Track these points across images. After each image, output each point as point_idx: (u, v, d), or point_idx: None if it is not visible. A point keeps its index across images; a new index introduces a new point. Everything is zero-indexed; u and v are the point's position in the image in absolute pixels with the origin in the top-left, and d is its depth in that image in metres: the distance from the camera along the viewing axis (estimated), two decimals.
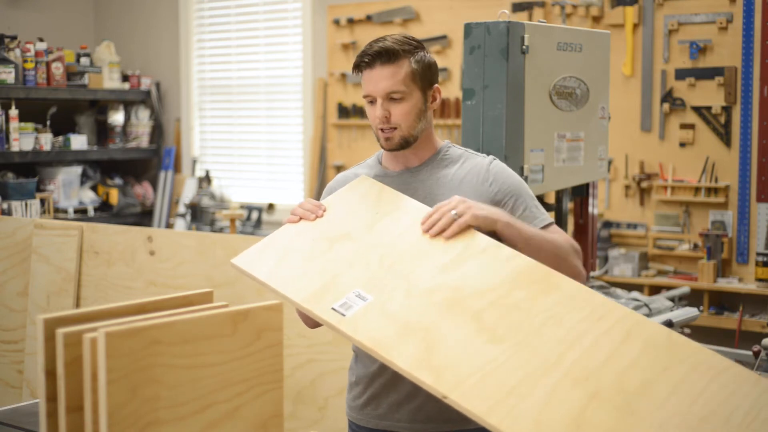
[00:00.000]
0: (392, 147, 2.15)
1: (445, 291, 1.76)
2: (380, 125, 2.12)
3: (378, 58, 2.10)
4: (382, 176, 2.23)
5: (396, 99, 2.11)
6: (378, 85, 2.10)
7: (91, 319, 1.46)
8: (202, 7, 6.42)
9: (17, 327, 3.68)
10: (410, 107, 2.12)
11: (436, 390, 1.54)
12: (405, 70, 2.11)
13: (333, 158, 5.74)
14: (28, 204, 5.29)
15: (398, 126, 2.12)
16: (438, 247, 1.88)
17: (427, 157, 2.20)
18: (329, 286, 1.80)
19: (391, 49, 2.10)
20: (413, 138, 2.15)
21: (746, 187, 4.42)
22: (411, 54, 2.12)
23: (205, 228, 5.67)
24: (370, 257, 1.87)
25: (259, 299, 1.58)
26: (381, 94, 2.10)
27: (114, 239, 3.45)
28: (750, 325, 4.29)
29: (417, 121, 2.14)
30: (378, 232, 1.95)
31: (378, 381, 2.19)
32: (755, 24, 4.35)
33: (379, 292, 1.77)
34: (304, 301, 1.77)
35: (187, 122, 6.48)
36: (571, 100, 3.13)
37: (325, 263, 1.86)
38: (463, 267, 1.82)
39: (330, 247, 1.91)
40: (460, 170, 2.19)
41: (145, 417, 1.38)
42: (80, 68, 5.79)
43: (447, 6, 5.26)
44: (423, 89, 2.14)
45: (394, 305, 1.74)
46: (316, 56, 5.83)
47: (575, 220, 3.47)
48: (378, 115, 2.11)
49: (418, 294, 1.76)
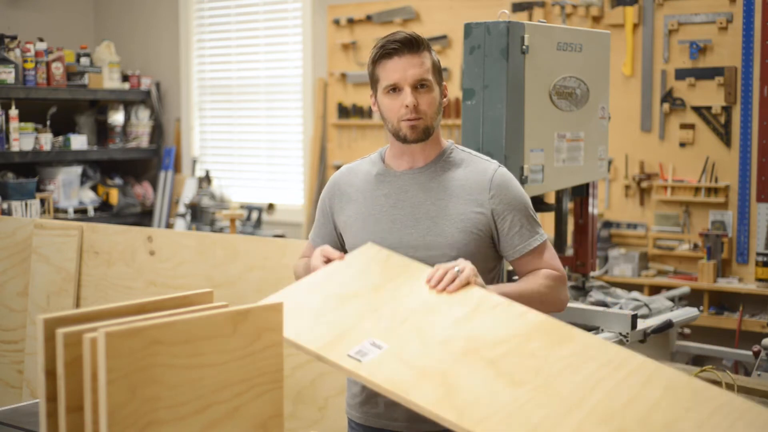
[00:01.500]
0: (417, 136, 2.13)
1: (460, 341, 1.76)
2: (407, 114, 2.11)
3: (406, 46, 2.11)
4: (384, 175, 2.22)
5: (423, 88, 2.11)
6: (407, 72, 2.10)
7: (91, 319, 1.46)
8: (202, 7, 6.43)
9: (17, 327, 3.68)
10: (434, 98, 2.14)
11: (459, 427, 1.53)
12: (429, 61, 2.14)
13: (333, 158, 5.74)
14: (28, 204, 5.29)
15: (424, 115, 2.12)
16: (449, 304, 1.90)
17: (433, 157, 2.20)
18: (343, 336, 1.79)
19: (418, 39, 2.12)
20: (433, 130, 2.15)
21: (746, 187, 4.42)
22: (429, 49, 2.15)
23: (205, 228, 5.67)
24: (381, 312, 1.87)
25: (259, 299, 1.58)
26: (410, 81, 2.10)
27: (114, 239, 3.45)
28: (750, 325, 4.29)
29: (437, 114, 2.16)
30: (387, 291, 1.95)
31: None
32: (755, 24, 4.35)
33: (393, 341, 1.77)
34: (319, 349, 1.76)
35: (187, 122, 6.48)
36: (571, 100, 3.13)
37: (337, 318, 1.86)
38: (476, 321, 1.84)
39: (340, 305, 1.91)
40: (462, 175, 2.18)
41: (145, 417, 1.38)
42: (80, 68, 5.79)
43: (447, 6, 5.26)
44: (440, 83, 2.17)
45: (409, 353, 1.74)
46: (316, 56, 5.83)
47: (575, 220, 3.47)
48: (408, 102, 2.10)
49: (432, 344, 1.76)
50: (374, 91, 2.20)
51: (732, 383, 3.36)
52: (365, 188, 2.23)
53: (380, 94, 2.16)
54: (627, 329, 3.08)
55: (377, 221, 2.19)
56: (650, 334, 3.20)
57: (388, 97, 2.14)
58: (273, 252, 3.08)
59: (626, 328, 3.08)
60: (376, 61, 2.15)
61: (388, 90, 2.13)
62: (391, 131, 2.17)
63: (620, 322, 3.10)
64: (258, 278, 3.09)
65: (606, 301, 3.32)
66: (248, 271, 3.12)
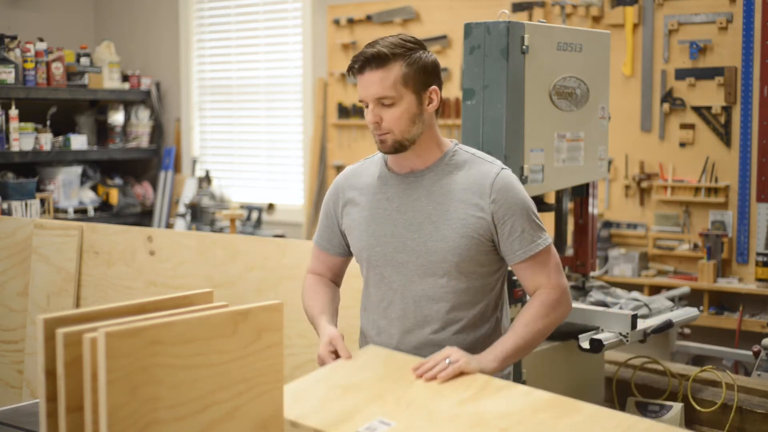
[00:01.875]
0: (386, 150, 2.15)
1: (469, 417, 1.80)
2: (373, 130, 2.13)
3: (367, 63, 2.10)
4: (387, 178, 2.22)
5: (386, 104, 2.10)
6: (368, 90, 2.10)
7: (91, 319, 1.46)
8: (202, 7, 6.42)
9: (17, 327, 3.68)
10: (401, 112, 2.11)
11: None
12: (395, 74, 2.09)
13: (333, 158, 5.74)
14: (28, 204, 5.29)
15: (390, 130, 2.11)
16: (454, 387, 1.94)
17: (433, 161, 2.19)
18: (351, 415, 1.82)
19: (381, 54, 2.09)
20: (408, 142, 2.13)
21: (746, 187, 4.41)
22: (403, 57, 2.10)
23: (205, 228, 5.66)
24: (386, 398, 1.90)
25: (259, 299, 1.58)
26: (371, 99, 2.10)
27: (114, 239, 3.45)
28: (750, 325, 4.29)
29: (411, 125, 2.12)
30: (391, 381, 1.99)
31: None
32: (755, 24, 4.35)
33: (402, 420, 1.80)
34: (327, 427, 1.78)
35: (187, 122, 6.48)
36: (571, 100, 3.13)
37: (343, 403, 1.89)
38: (482, 401, 1.88)
39: (344, 394, 1.94)
40: (465, 178, 2.17)
41: (145, 417, 1.38)
42: (80, 68, 5.79)
43: (447, 6, 5.26)
44: (417, 92, 2.12)
45: (419, 428, 1.77)
46: (316, 56, 5.83)
47: (575, 220, 3.47)
48: (368, 120, 2.13)
49: (440, 420, 1.80)
50: None
51: (732, 383, 3.36)
52: (368, 191, 2.24)
53: None
54: (627, 329, 3.08)
55: (380, 225, 2.20)
56: (650, 334, 3.20)
57: (365, 110, 2.16)
58: (273, 252, 3.08)
59: (626, 328, 3.08)
60: (350, 75, 2.17)
61: (363, 104, 2.15)
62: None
63: (620, 322, 3.10)
64: (258, 278, 3.09)
65: (606, 301, 3.32)
66: (248, 271, 3.12)
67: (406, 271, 2.18)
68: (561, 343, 3.27)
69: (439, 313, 2.17)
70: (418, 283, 2.17)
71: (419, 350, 2.18)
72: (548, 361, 3.21)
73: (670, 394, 3.41)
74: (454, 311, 2.17)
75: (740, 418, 3.26)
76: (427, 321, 2.18)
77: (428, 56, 2.15)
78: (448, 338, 2.17)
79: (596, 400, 3.46)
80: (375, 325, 2.26)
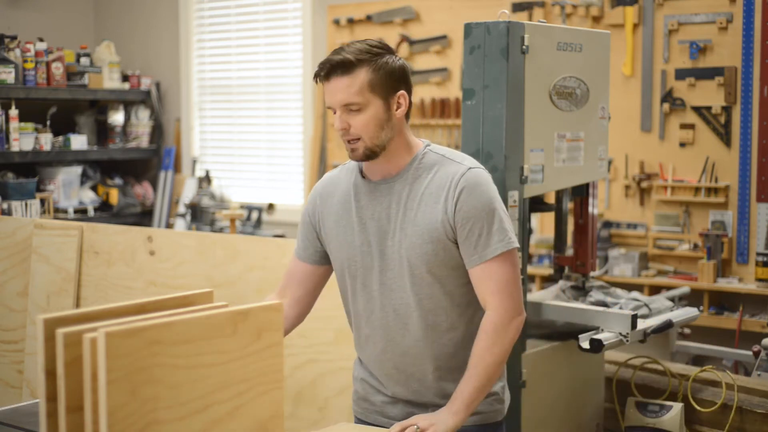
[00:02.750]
0: (358, 158, 2.12)
1: None
2: (342, 136, 2.11)
3: (333, 70, 2.08)
4: (360, 186, 2.21)
5: (353, 110, 2.08)
6: (335, 96, 2.08)
7: (91, 319, 1.46)
8: (202, 7, 6.42)
9: (17, 327, 3.68)
10: (369, 117, 2.08)
11: None
12: (360, 80, 2.07)
13: (333, 158, 5.74)
14: (28, 204, 5.29)
15: (360, 137, 2.09)
16: None
17: (403, 166, 2.16)
18: None
19: (346, 61, 2.07)
20: (379, 148, 2.11)
21: (746, 187, 4.41)
22: (369, 63, 2.08)
23: (205, 228, 5.66)
24: None
25: (259, 299, 1.57)
26: (338, 105, 2.08)
27: (114, 239, 3.45)
28: (750, 325, 4.29)
29: (379, 131, 2.10)
30: None
31: (376, 375, 2.24)
32: (755, 24, 4.35)
33: None
34: None
35: (187, 122, 6.48)
36: (571, 100, 3.13)
37: None
38: None
39: None
40: (431, 182, 2.14)
41: (145, 417, 1.38)
42: (80, 68, 5.79)
43: (447, 6, 5.26)
44: (384, 97, 2.10)
45: None
46: (316, 56, 5.82)
47: (575, 220, 3.47)
48: (337, 126, 2.10)
49: None
50: None
51: (732, 383, 3.36)
52: (343, 199, 2.22)
53: None
54: (627, 329, 3.08)
55: (357, 234, 2.18)
56: (650, 334, 3.20)
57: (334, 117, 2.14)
58: (273, 252, 3.08)
59: (626, 328, 3.08)
60: (316, 82, 2.15)
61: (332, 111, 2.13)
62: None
63: (620, 322, 3.10)
64: (258, 278, 3.09)
65: (606, 301, 3.32)
66: (248, 271, 3.12)
67: (385, 279, 2.16)
68: (561, 343, 3.27)
69: (419, 319, 2.15)
70: (397, 290, 2.15)
71: (404, 358, 2.18)
72: (548, 361, 3.22)
73: (670, 394, 3.41)
74: (432, 315, 2.16)
75: (740, 418, 3.26)
76: (407, 328, 2.17)
77: (395, 61, 2.12)
78: (429, 345, 2.17)
79: (596, 400, 3.47)
80: (361, 334, 2.26)
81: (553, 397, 3.26)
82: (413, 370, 2.19)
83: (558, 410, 3.30)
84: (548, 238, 4.72)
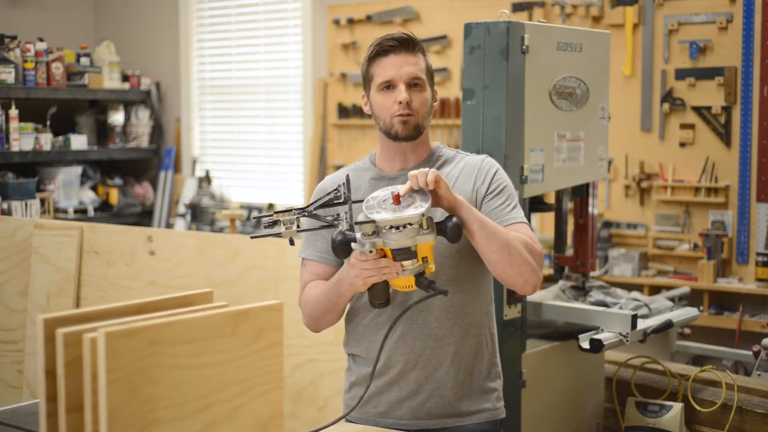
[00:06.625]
0: (407, 132, 2.15)
1: None
2: (400, 110, 2.13)
3: (402, 45, 2.15)
4: (378, 179, 2.22)
5: (416, 87, 2.15)
6: (402, 69, 2.14)
7: (91, 319, 1.45)
8: (202, 7, 6.42)
9: (17, 327, 3.68)
10: (426, 98, 2.18)
11: None
12: (423, 62, 2.18)
13: (333, 158, 5.74)
14: (28, 204, 5.29)
15: (416, 113, 2.15)
16: None
17: (424, 157, 2.23)
18: None
19: (414, 40, 2.17)
20: (423, 129, 2.18)
21: (746, 187, 4.41)
22: (423, 52, 2.20)
23: (205, 228, 5.67)
24: None
25: (259, 299, 1.57)
26: (405, 78, 2.14)
27: (114, 239, 3.45)
28: (750, 325, 4.29)
29: (428, 114, 2.19)
30: None
31: (380, 379, 2.21)
32: (755, 24, 4.35)
33: None
34: None
35: (187, 122, 6.48)
36: (571, 100, 3.13)
37: None
38: None
39: None
40: (455, 169, 2.22)
41: (145, 417, 1.38)
42: (80, 68, 5.79)
43: (447, 6, 5.26)
44: (432, 86, 2.21)
45: None
46: (316, 56, 5.82)
47: (575, 220, 3.47)
48: (402, 98, 2.13)
49: None
50: (367, 90, 2.22)
51: (732, 383, 3.36)
52: (360, 194, 2.22)
53: (373, 91, 2.18)
54: (627, 329, 3.08)
55: None
56: (650, 334, 3.20)
57: (381, 95, 2.16)
58: (273, 252, 3.08)
59: (626, 328, 3.08)
60: (372, 59, 2.18)
61: (383, 87, 2.16)
62: (383, 129, 2.18)
63: (620, 322, 3.10)
64: (258, 278, 3.09)
65: (606, 301, 3.32)
66: (248, 271, 3.12)
67: None
68: (561, 343, 3.27)
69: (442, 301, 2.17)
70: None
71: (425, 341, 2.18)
72: (548, 361, 3.21)
73: (670, 394, 3.41)
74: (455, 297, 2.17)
75: (740, 418, 3.26)
76: (429, 309, 2.18)
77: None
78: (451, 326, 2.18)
79: (596, 400, 3.47)
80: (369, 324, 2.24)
81: (553, 397, 3.26)
82: (432, 353, 2.19)
83: (558, 410, 3.30)
84: (548, 238, 4.72)
